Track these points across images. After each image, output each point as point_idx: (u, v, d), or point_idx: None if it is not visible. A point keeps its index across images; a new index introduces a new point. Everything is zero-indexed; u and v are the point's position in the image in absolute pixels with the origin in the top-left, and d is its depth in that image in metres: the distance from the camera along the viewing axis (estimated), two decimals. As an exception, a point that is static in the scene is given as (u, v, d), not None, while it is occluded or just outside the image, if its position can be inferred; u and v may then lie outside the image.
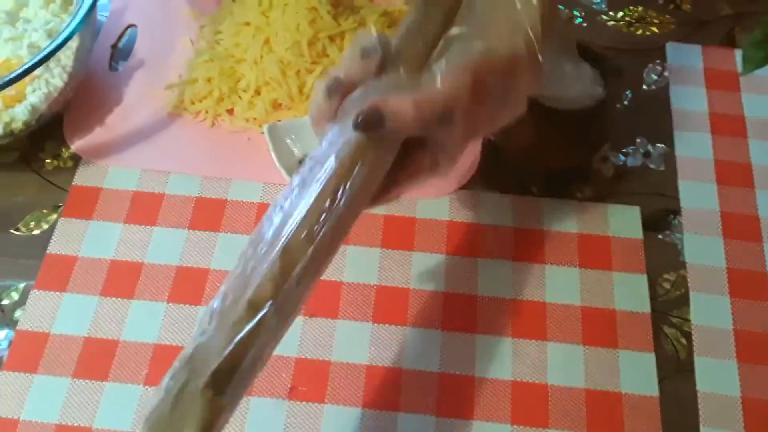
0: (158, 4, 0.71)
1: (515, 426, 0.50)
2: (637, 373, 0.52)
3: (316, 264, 0.39)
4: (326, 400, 0.51)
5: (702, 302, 0.54)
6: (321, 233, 0.39)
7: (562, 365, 0.52)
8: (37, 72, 0.59)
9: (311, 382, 0.52)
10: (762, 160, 0.61)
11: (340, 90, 0.42)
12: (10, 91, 0.58)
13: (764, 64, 0.49)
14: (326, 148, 0.41)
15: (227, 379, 0.36)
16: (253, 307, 0.37)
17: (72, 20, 0.56)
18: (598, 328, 0.54)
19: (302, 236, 0.38)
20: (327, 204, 0.39)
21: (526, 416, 0.50)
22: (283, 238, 0.38)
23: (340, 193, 0.39)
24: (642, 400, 0.51)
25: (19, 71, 0.54)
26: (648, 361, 0.52)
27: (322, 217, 0.39)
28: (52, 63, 0.59)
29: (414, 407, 0.51)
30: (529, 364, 0.52)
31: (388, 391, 0.51)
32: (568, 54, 0.58)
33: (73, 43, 0.60)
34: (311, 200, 0.39)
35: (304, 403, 0.51)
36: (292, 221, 0.39)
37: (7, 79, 0.54)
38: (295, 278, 0.38)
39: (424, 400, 0.51)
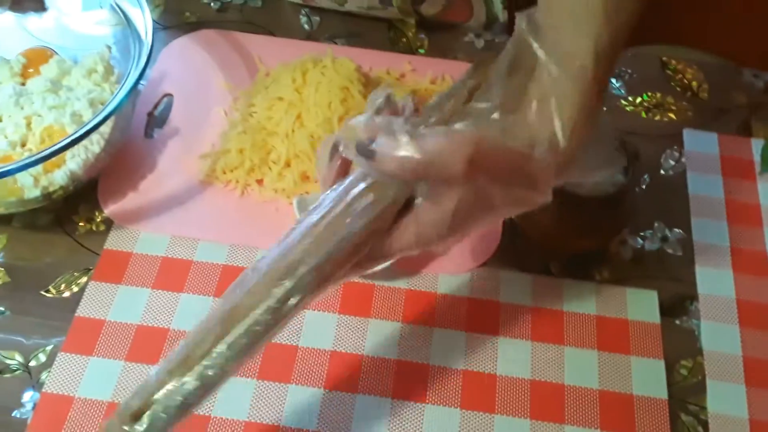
0: (194, 75, 0.74)
1: None
2: (654, 461, 0.52)
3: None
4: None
5: (719, 390, 0.55)
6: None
7: (580, 449, 0.53)
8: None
9: None
10: (778, 249, 0.62)
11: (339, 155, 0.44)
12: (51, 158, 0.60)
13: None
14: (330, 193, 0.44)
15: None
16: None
17: (117, 94, 0.58)
18: (616, 412, 0.54)
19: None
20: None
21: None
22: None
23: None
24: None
25: (66, 142, 0.56)
26: (665, 448, 0.53)
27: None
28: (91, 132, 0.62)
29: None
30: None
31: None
32: (600, 140, 0.60)
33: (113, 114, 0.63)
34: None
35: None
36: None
37: (55, 148, 0.56)
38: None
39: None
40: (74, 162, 0.61)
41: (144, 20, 0.64)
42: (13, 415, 0.54)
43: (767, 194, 0.66)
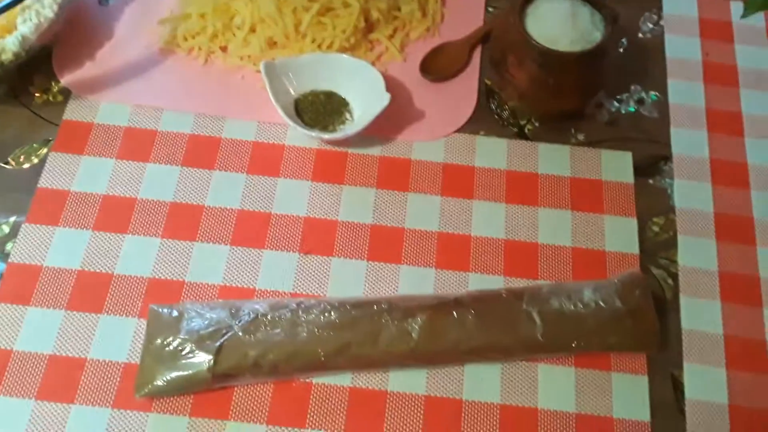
0: (149, -63, 0.69)
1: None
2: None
3: None
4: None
5: (689, 245, 0.56)
6: None
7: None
8: (27, 2, 0.58)
9: (306, 317, 0.52)
10: (753, 109, 0.62)
11: None
12: (1, 21, 0.57)
13: (765, 8, 0.49)
14: None
15: None
16: None
17: (64, -53, 0.54)
18: (589, 267, 0.55)
19: None
20: None
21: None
22: None
23: None
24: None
25: (13, 1, 0.53)
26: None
27: None
28: (41, -7, 0.58)
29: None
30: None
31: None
32: (565, 1, 0.58)
33: (64, -27, 0.59)
34: None
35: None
36: None
37: (2, 5, 0.52)
38: None
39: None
40: (26, 26, 0.58)
41: None
42: (-21, 285, 0.53)
43: (744, 55, 0.65)
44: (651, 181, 0.59)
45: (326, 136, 0.58)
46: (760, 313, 0.53)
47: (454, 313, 0.50)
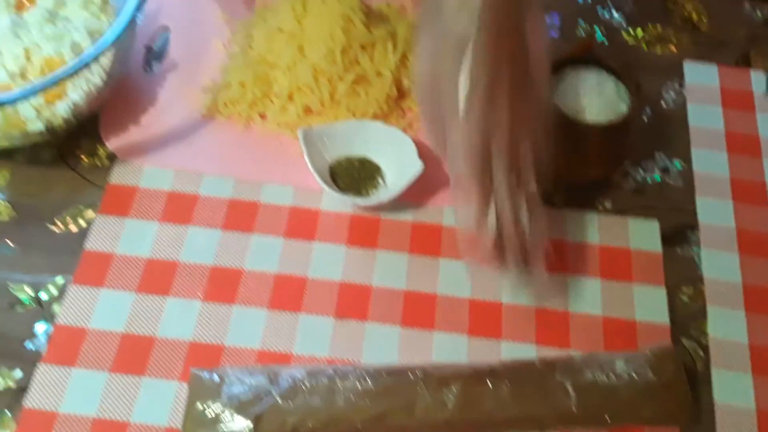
0: (190, 6, 0.73)
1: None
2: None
3: None
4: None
5: (719, 316, 0.57)
6: None
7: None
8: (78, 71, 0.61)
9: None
10: (777, 179, 0.64)
11: None
12: (53, 88, 0.60)
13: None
14: None
15: None
16: None
17: (116, 24, 0.57)
18: (619, 337, 0.56)
19: None
20: None
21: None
22: None
23: None
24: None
25: (68, 71, 0.56)
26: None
27: None
28: (92, 63, 0.61)
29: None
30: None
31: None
32: (591, 66, 0.60)
33: (113, 45, 0.62)
34: None
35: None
36: None
37: (54, 80, 0.55)
38: None
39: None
40: (76, 93, 0.60)
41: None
42: (26, 346, 0.55)
43: (766, 125, 0.67)
44: (678, 250, 0.60)
45: (360, 201, 0.60)
46: (793, 385, 0.54)
47: (489, 382, 0.51)
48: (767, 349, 0.55)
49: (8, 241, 0.59)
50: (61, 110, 0.60)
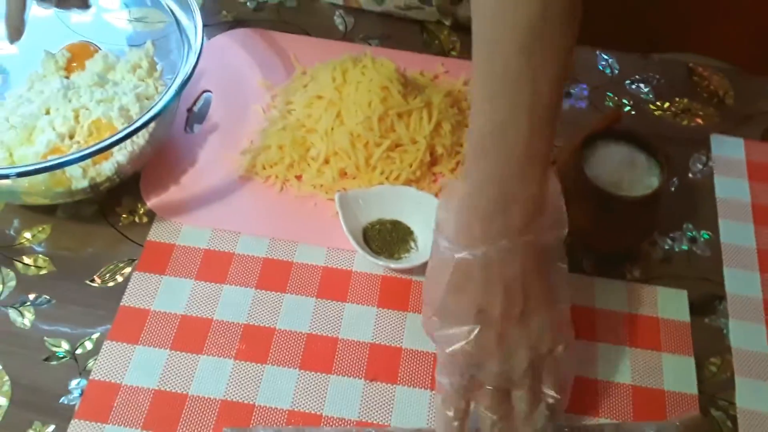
0: (232, 72, 0.76)
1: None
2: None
3: None
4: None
5: (747, 387, 0.57)
6: None
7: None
8: (124, 133, 0.63)
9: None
10: (804, 252, 0.64)
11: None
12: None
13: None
14: None
15: None
16: None
17: (166, 93, 0.60)
18: (648, 406, 0.56)
19: None
20: None
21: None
22: None
23: None
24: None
25: (118, 138, 0.58)
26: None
27: None
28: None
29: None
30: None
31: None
32: (621, 140, 0.62)
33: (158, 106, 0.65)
34: None
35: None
36: None
37: (109, 143, 0.58)
38: None
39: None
40: (121, 154, 0.63)
41: (194, 23, 0.66)
42: (60, 401, 0.56)
43: (792, 198, 0.68)
44: (706, 320, 0.61)
45: (393, 265, 0.62)
46: (823, 460, 0.54)
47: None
48: (798, 423, 0.55)
49: (46, 296, 0.61)
50: (106, 170, 0.62)
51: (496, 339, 0.46)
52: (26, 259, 0.63)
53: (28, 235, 0.64)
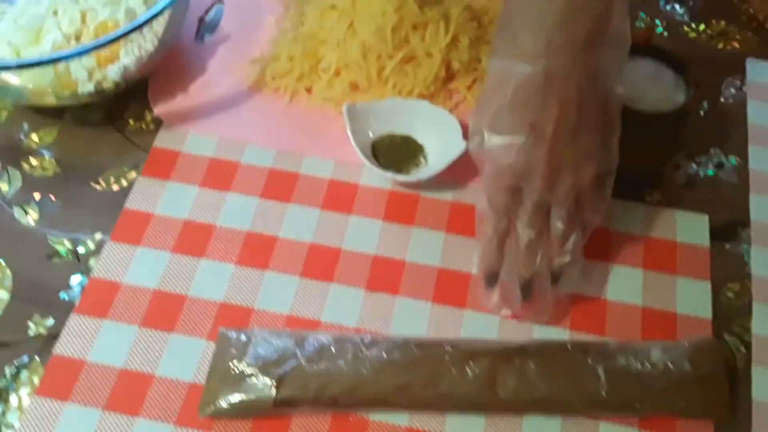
0: (246, -18, 0.74)
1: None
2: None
3: None
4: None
5: (766, 314, 0.54)
6: None
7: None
8: (131, 35, 0.62)
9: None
10: (838, 180, 0.61)
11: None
12: (105, 51, 0.61)
13: None
14: None
15: None
16: None
17: (170, -11, 0.58)
18: (658, 328, 0.53)
19: None
20: None
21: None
22: None
23: None
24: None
25: (118, 34, 0.57)
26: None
27: None
28: (145, 28, 0.62)
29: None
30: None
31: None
32: (648, 56, 0.58)
33: (167, 12, 0.63)
34: None
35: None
36: None
37: (107, 40, 0.56)
38: None
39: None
40: (128, 58, 0.61)
41: None
42: (60, 296, 0.55)
43: (830, 126, 0.64)
44: (727, 246, 0.58)
45: (400, 177, 0.60)
46: (839, 390, 0.51)
47: (516, 361, 0.49)
48: (816, 350, 0.52)
49: (51, 196, 0.61)
50: (112, 73, 0.61)
51: (545, 153, 0.46)
52: (33, 161, 0.63)
53: (35, 137, 0.64)
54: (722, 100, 0.66)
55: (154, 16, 0.58)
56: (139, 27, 0.58)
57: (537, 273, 0.50)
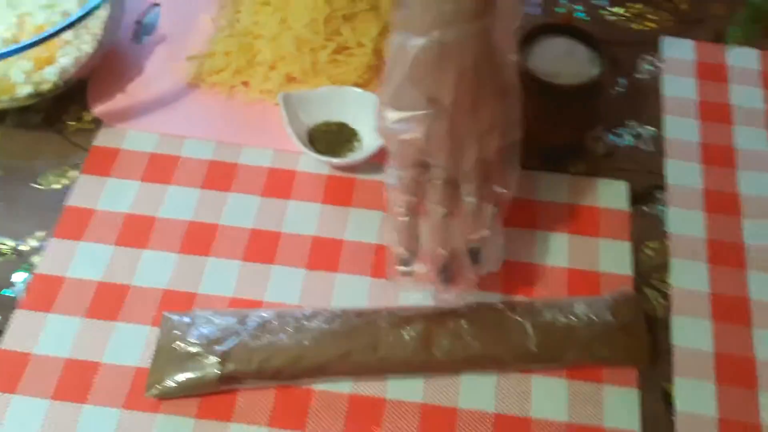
0: (181, -16, 0.75)
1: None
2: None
3: None
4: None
5: (682, 268, 0.58)
6: None
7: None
8: (68, 37, 0.63)
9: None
10: (745, 144, 0.65)
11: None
12: (43, 53, 0.62)
13: (749, 35, 0.52)
14: None
15: None
16: None
17: (103, -12, 0.60)
18: (583, 286, 0.57)
19: None
20: None
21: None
22: None
23: None
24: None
25: (52, 32, 0.58)
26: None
27: None
28: (82, 30, 0.64)
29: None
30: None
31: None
32: (564, 35, 0.62)
33: (104, 13, 0.65)
34: None
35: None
36: None
37: (40, 38, 0.58)
38: None
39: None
40: (66, 59, 0.63)
41: None
42: (3, 292, 0.56)
43: (739, 95, 0.68)
44: (646, 209, 0.61)
45: (335, 161, 0.62)
46: (750, 332, 0.54)
47: (450, 322, 0.52)
48: (728, 296, 0.56)
49: (-7, 197, 0.62)
50: (49, 75, 0.63)
51: (446, 126, 0.46)
52: (-27, 164, 0.64)
53: (-26, 142, 0.65)
54: (638, 76, 0.70)
55: (86, 15, 0.60)
56: (71, 25, 0.59)
57: (455, 252, 0.49)
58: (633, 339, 0.52)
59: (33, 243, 0.59)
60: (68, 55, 0.63)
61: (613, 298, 0.53)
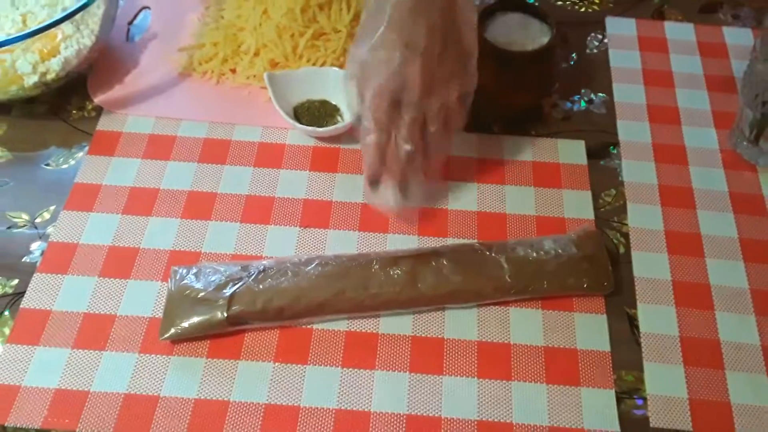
0: (168, -12, 0.82)
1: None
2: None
3: None
4: (320, 291, 0.60)
5: (637, 210, 0.65)
6: None
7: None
8: (69, 32, 0.69)
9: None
10: (686, 103, 0.73)
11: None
12: (46, 47, 0.68)
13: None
14: None
15: None
16: None
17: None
18: (550, 229, 0.63)
19: None
20: None
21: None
22: None
23: None
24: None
25: (51, 21, 0.64)
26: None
27: None
28: (82, 26, 0.69)
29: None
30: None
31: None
32: (518, 12, 0.70)
33: (99, 10, 0.71)
34: None
35: (300, 294, 0.60)
36: None
37: (42, 26, 0.63)
38: None
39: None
40: (68, 51, 0.69)
41: None
42: (23, 260, 0.61)
43: (679, 62, 0.76)
44: (602, 162, 0.68)
45: (320, 131, 0.68)
46: (703, 262, 0.61)
47: (433, 262, 0.58)
48: (680, 233, 0.63)
49: (6, 179, 0.66)
50: (54, 65, 0.68)
51: (419, 68, 0.54)
52: (-16, 151, 0.69)
53: (-16, 132, 0.70)
54: (588, 51, 0.78)
55: (83, 7, 0.66)
56: (70, 15, 0.65)
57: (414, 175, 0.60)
58: (596, 267, 0.58)
59: (46, 216, 0.64)
60: (71, 48, 0.69)
61: (576, 235, 0.60)
